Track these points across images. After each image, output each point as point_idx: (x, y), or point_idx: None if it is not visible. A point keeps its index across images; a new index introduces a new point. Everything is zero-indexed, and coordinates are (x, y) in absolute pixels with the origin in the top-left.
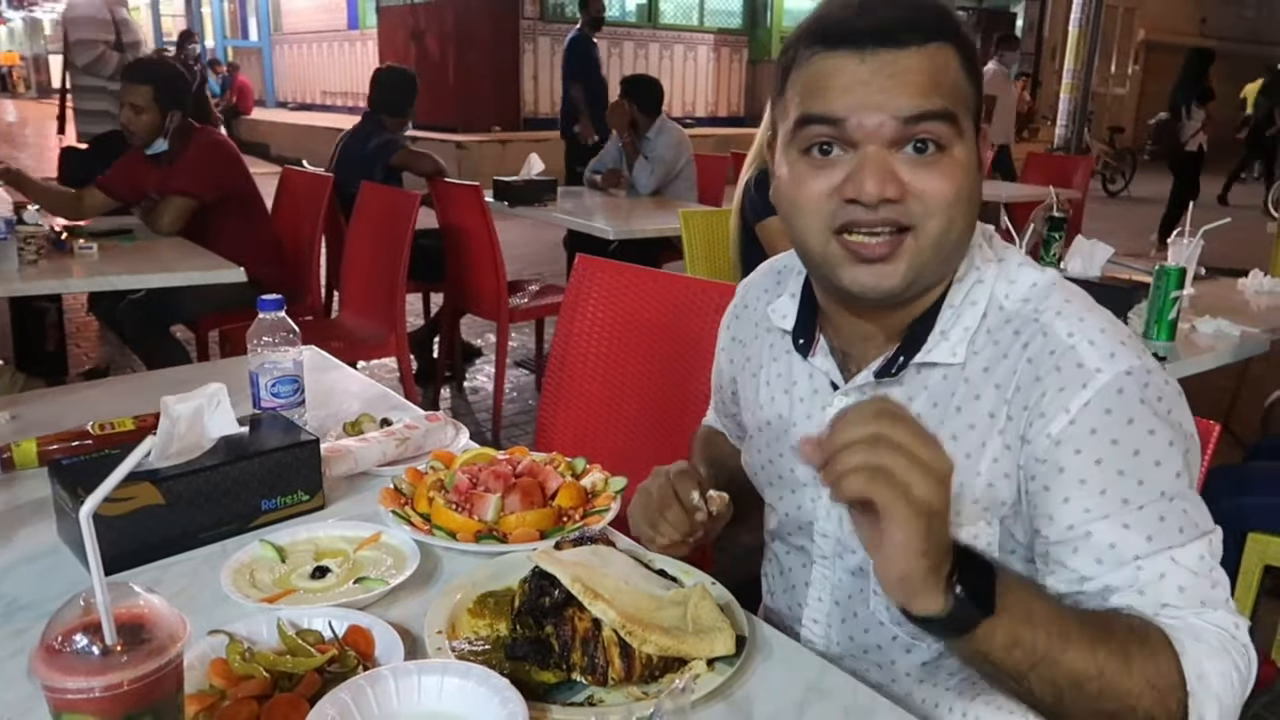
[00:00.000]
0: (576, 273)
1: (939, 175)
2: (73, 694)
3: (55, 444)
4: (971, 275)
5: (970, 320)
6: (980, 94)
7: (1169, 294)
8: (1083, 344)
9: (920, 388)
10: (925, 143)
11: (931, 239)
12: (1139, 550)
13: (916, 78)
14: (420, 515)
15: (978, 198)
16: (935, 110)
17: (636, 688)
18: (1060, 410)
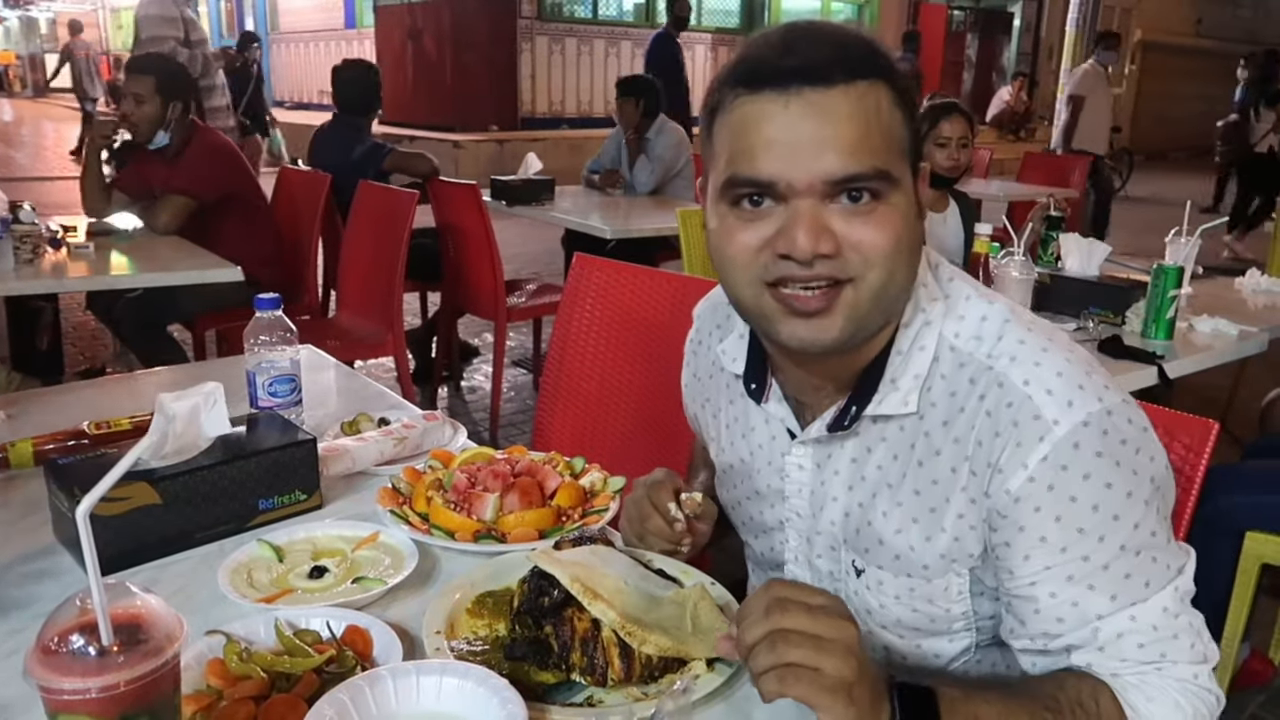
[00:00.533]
0: (574, 272)
1: (874, 226)
2: (69, 694)
3: (51, 444)
4: (918, 319)
5: (919, 367)
6: (914, 128)
7: (1167, 293)
8: (1039, 393)
9: (878, 439)
10: (860, 192)
11: (871, 291)
12: (1101, 610)
13: (844, 129)
14: (418, 515)
15: (918, 244)
16: (865, 172)
17: (636, 688)
18: (1019, 466)
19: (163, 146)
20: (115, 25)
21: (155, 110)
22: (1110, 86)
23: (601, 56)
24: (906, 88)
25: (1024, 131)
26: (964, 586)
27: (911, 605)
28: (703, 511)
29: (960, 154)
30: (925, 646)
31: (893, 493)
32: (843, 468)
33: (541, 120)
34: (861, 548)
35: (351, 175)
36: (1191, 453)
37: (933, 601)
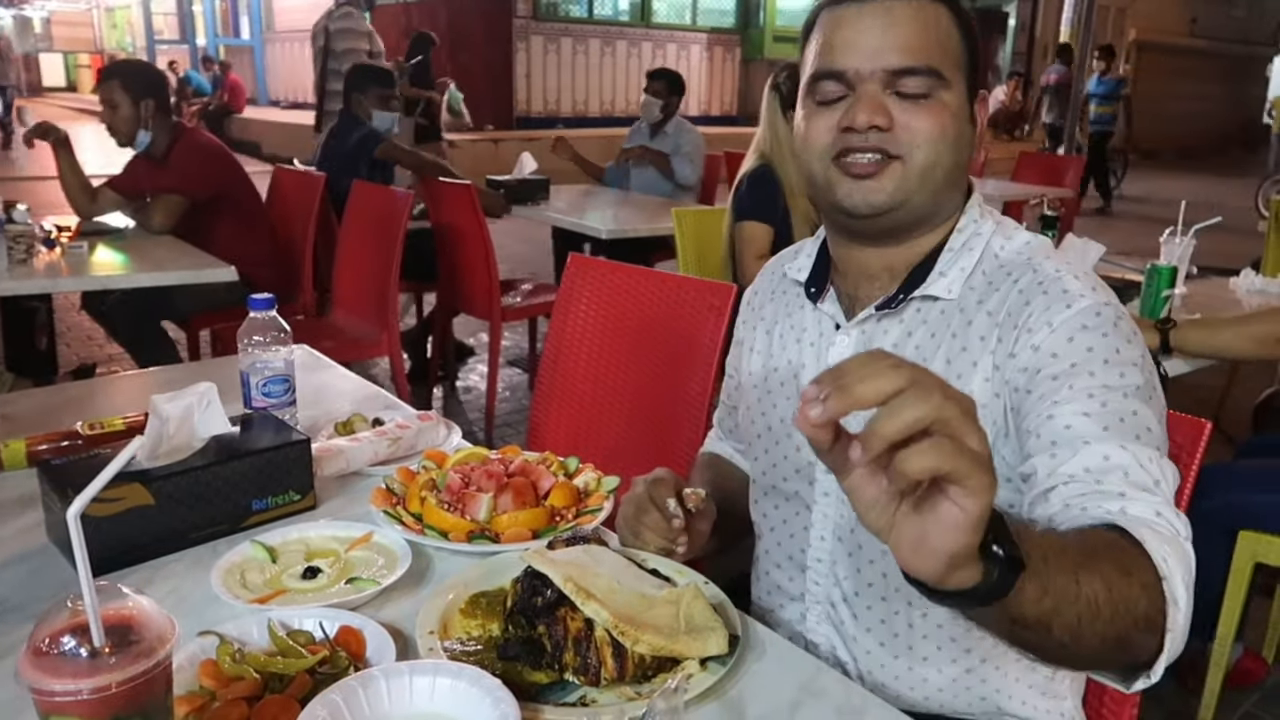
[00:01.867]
0: (569, 272)
1: (925, 114)
2: (60, 696)
3: (45, 444)
4: (970, 227)
5: (966, 263)
6: (975, 53)
7: (1160, 292)
8: (1068, 277)
9: (919, 321)
10: (914, 85)
11: (917, 168)
12: (1091, 435)
13: (905, 30)
14: (412, 515)
15: (965, 142)
16: (919, 67)
17: (629, 688)
18: (1044, 324)
19: (148, 148)
20: (109, 25)
21: (129, 111)
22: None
23: (597, 56)
24: (965, 15)
25: (1019, 131)
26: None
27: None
28: (704, 509)
29: None
30: None
31: (927, 365)
32: (886, 348)
33: (537, 120)
34: None
35: (349, 162)
36: (1185, 452)
37: None
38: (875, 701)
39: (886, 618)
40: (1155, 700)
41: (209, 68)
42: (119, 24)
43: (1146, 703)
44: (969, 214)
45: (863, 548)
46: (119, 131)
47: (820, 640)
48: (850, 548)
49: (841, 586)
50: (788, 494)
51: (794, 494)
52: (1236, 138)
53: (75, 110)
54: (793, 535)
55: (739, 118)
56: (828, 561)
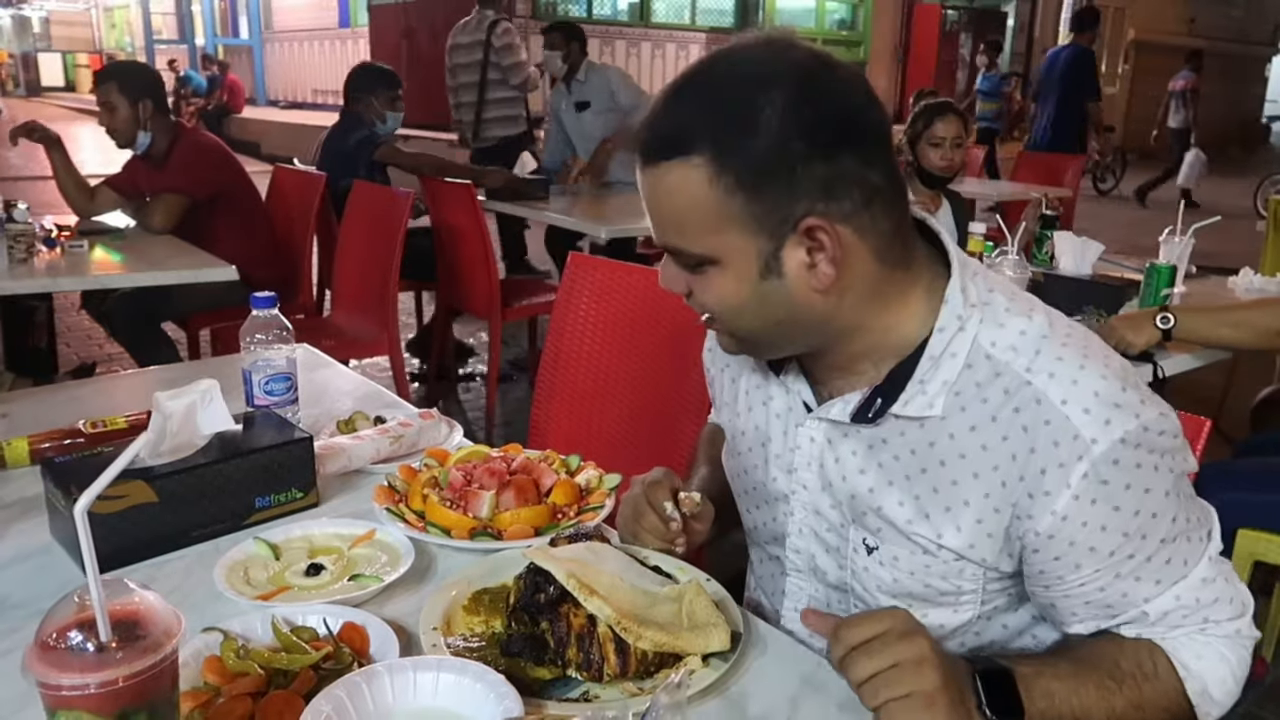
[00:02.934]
0: (569, 270)
1: (703, 287)
2: (68, 690)
3: (47, 442)
4: (953, 324)
5: (949, 373)
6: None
7: (1160, 291)
8: (1076, 412)
9: (897, 434)
10: (683, 259)
11: (729, 329)
12: (1148, 594)
13: (653, 207)
14: (414, 512)
15: (769, 303)
16: (672, 247)
17: (632, 683)
18: (1063, 486)
19: (148, 149)
20: (108, 24)
21: (127, 112)
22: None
23: (596, 57)
24: (740, 159)
25: (1017, 131)
26: (978, 573)
27: (925, 580)
28: (700, 511)
29: (954, 154)
30: (930, 618)
31: (909, 485)
32: (858, 449)
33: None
34: (873, 528)
35: (348, 162)
36: None
37: (945, 578)
38: None
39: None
40: None
41: (208, 67)
42: (118, 24)
43: None
44: (949, 304)
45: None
46: (118, 133)
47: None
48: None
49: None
50: (769, 555)
51: (774, 557)
52: (1235, 137)
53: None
54: (773, 593)
55: None
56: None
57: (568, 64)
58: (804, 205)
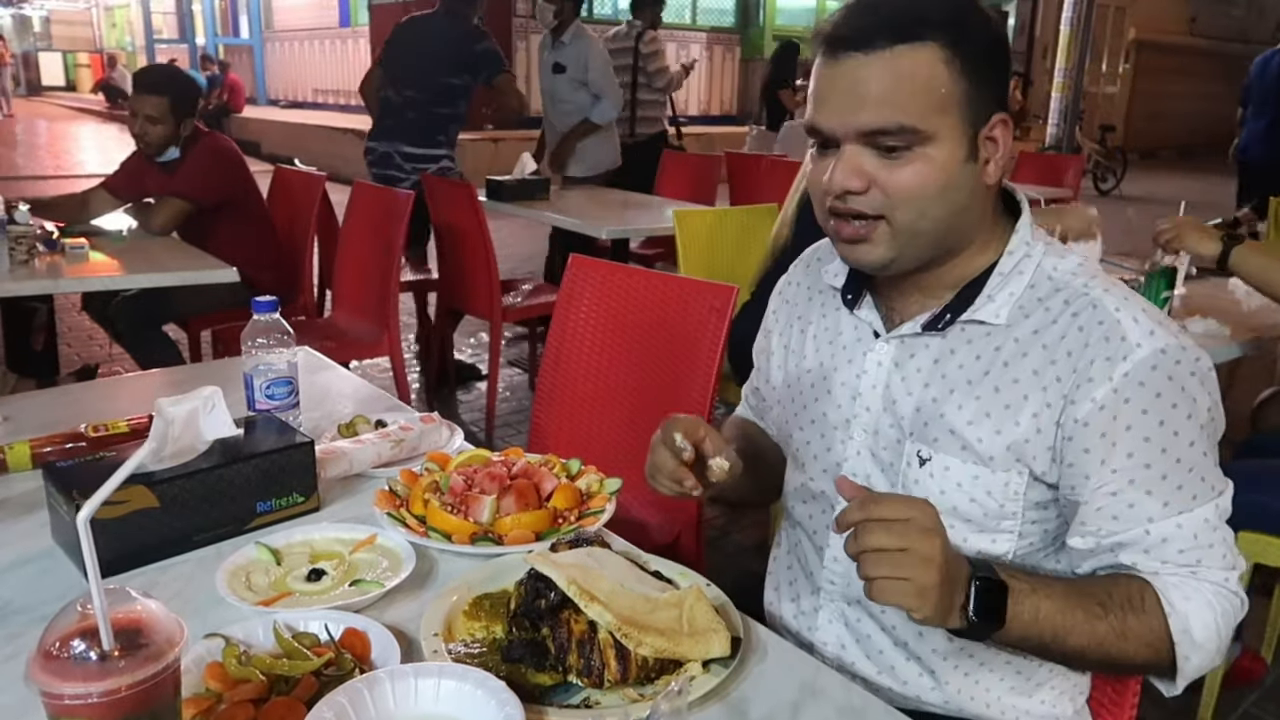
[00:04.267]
0: (570, 272)
1: (904, 171)
2: (70, 699)
3: (49, 446)
4: (1021, 249)
5: (1016, 288)
6: (984, 82)
7: (1160, 294)
8: (1127, 319)
9: (964, 342)
10: (890, 142)
11: (903, 226)
12: (1153, 514)
13: (876, 88)
14: (415, 517)
15: (961, 188)
16: (889, 126)
17: (632, 689)
18: (1105, 378)
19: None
20: (109, 24)
21: (169, 130)
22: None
23: None
24: (967, 44)
25: (1018, 131)
26: (1021, 487)
27: (971, 494)
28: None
29: None
30: (970, 543)
31: (971, 388)
32: (924, 365)
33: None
34: (930, 438)
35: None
36: None
37: (991, 494)
38: (875, 702)
39: (900, 620)
40: (1154, 699)
41: (208, 67)
42: (118, 23)
43: (1145, 701)
44: (1019, 234)
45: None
46: (151, 145)
47: (829, 639)
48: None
49: (857, 585)
50: (815, 492)
51: (820, 493)
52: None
53: (74, 110)
54: (815, 533)
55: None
56: (845, 561)
57: (559, 20)
58: (995, 101)
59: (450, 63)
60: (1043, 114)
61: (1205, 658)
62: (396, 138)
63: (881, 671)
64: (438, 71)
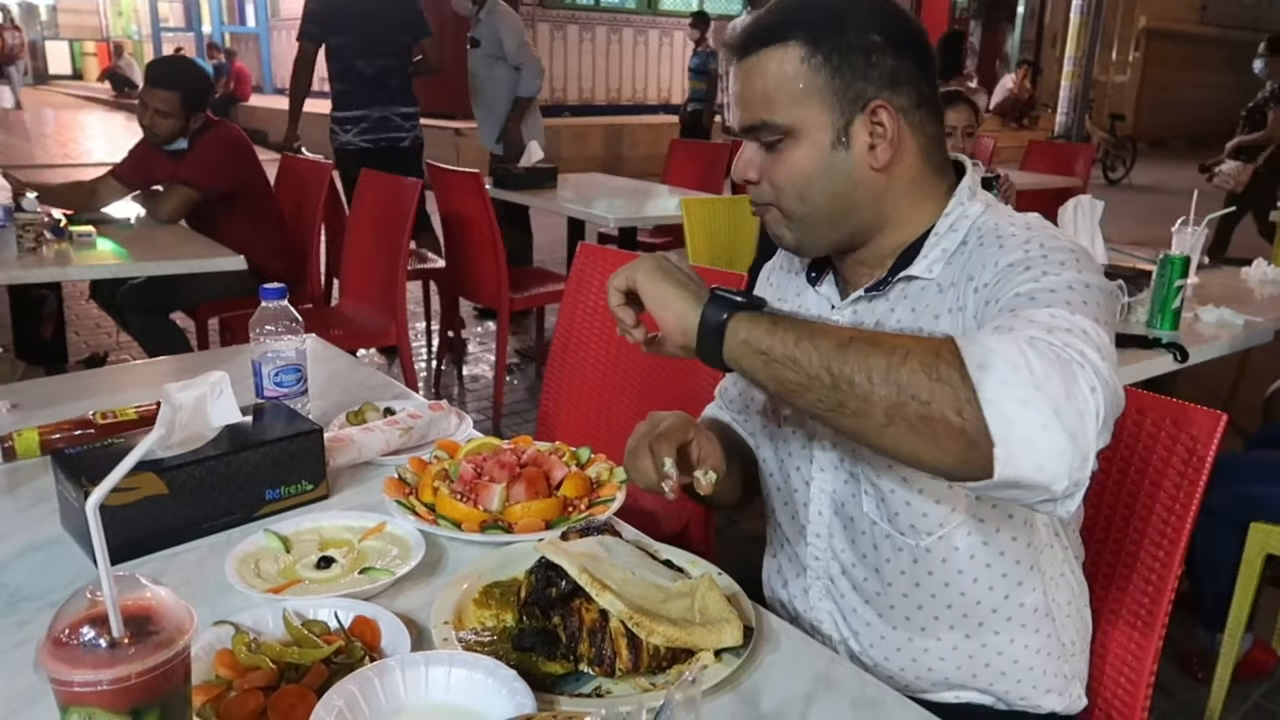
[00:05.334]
0: (578, 261)
1: (778, 163)
2: (80, 687)
3: (58, 433)
4: (957, 210)
5: (949, 244)
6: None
7: (1173, 283)
8: (1009, 227)
9: (901, 298)
10: (763, 137)
11: (790, 211)
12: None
13: (745, 91)
14: (425, 505)
15: (836, 172)
16: (753, 124)
17: (644, 679)
18: (992, 264)
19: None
20: (115, 12)
21: (178, 124)
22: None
23: (603, 44)
24: (834, 41)
25: (1027, 119)
26: None
27: None
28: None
29: (965, 143)
30: (914, 505)
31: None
32: (870, 326)
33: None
34: None
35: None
36: (1199, 444)
37: None
38: (890, 693)
39: (881, 589)
40: (1165, 691)
41: (214, 55)
42: (124, 11)
43: (1156, 693)
44: (957, 197)
45: (855, 520)
46: (159, 136)
47: (824, 618)
48: (844, 520)
49: (840, 559)
50: (790, 469)
51: (795, 469)
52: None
53: (81, 98)
54: (795, 512)
55: None
56: (825, 535)
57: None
58: (873, 89)
59: (401, 24)
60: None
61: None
62: (389, 102)
63: (873, 644)
64: (399, 35)
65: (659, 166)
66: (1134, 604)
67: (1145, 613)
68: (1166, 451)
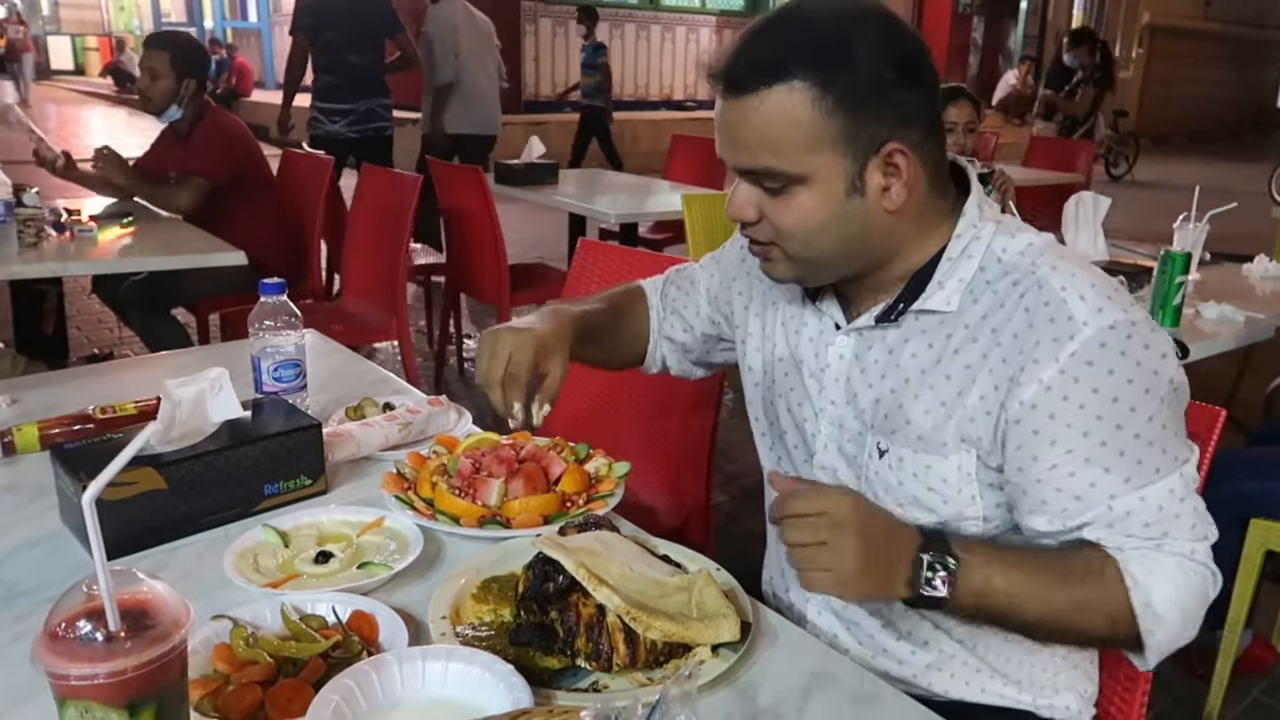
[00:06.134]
0: (578, 257)
1: (784, 208)
2: (76, 680)
3: (57, 428)
4: (969, 232)
5: (965, 273)
6: (869, 115)
7: (1174, 279)
8: (1073, 297)
9: (917, 331)
10: (767, 181)
11: (794, 254)
12: (1114, 490)
13: (743, 133)
14: (423, 500)
15: (849, 219)
16: (758, 169)
17: (641, 673)
18: (1051, 359)
19: (175, 121)
20: (117, 7)
21: (170, 85)
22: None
23: (605, 39)
24: (844, 80)
25: (1030, 115)
26: (972, 468)
27: (927, 483)
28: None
29: (967, 139)
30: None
31: (925, 378)
32: (880, 358)
33: (545, 103)
34: (888, 430)
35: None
36: (1199, 440)
37: (946, 480)
38: (887, 688)
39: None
40: (1164, 688)
41: (216, 51)
42: (126, 6)
43: (1156, 690)
44: (967, 216)
45: None
46: (152, 101)
47: (824, 627)
48: None
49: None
50: (797, 462)
51: (803, 461)
52: (1249, 122)
53: (83, 94)
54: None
55: None
56: None
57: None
58: (886, 131)
59: (381, 20)
60: None
61: (1171, 631)
62: (375, 94)
63: (876, 655)
64: (381, 30)
65: (660, 162)
66: None
67: None
68: None
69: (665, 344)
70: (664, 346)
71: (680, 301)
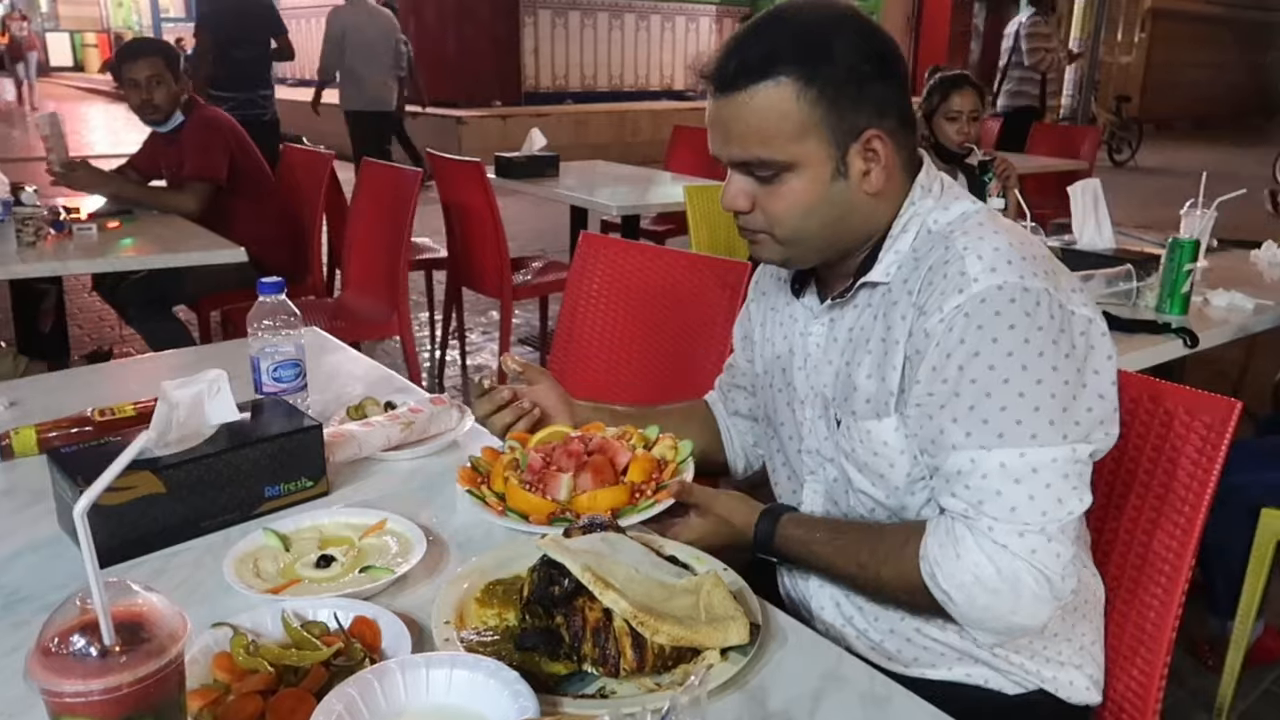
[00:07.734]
0: (581, 249)
1: (776, 196)
2: (70, 697)
3: (55, 431)
4: (909, 210)
5: (902, 245)
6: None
7: (1182, 266)
8: (971, 256)
9: (865, 305)
10: (757, 171)
11: (785, 238)
12: (955, 442)
13: (734, 127)
14: (495, 494)
15: (834, 202)
16: (751, 160)
17: (649, 679)
18: (937, 310)
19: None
20: (116, 3)
21: (171, 91)
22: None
23: (605, 30)
24: (826, 73)
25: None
26: (900, 426)
27: (872, 448)
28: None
29: (970, 127)
30: (891, 502)
31: (867, 346)
32: (840, 335)
33: (545, 95)
34: (843, 399)
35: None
36: (1213, 432)
37: (887, 443)
38: (899, 689)
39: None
40: (1176, 679)
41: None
42: (125, 2)
43: (1167, 681)
44: (909, 196)
45: (847, 516)
46: (159, 109)
47: (825, 603)
48: (838, 515)
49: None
50: (788, 472)
51: (793, 472)
52: (1254, 106)
53: (83, 90)
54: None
55: None
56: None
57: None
58: (865, 119)
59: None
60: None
61: (970, 608)
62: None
63: (883, 639)
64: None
65: (661, 153)
66: (1147, 593)
67: (1159, 602)
68: (1180, 440)
69: (736, 424)
70: (737, 428)
71: (732, 376)
